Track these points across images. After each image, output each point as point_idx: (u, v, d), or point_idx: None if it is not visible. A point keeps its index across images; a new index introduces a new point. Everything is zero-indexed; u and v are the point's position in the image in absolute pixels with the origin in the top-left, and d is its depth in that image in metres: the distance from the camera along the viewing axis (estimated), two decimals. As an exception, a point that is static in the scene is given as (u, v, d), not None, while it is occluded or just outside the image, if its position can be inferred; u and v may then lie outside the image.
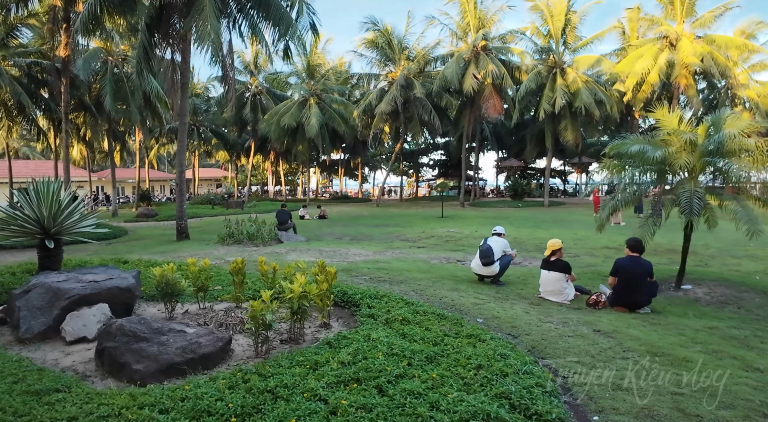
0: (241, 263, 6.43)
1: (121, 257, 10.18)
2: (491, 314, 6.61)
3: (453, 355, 4.41)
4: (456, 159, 44.80)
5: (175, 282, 5.69)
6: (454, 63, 28.69)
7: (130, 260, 9.58)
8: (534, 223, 21.63)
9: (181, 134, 16.87)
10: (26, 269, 8.15)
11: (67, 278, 5.78)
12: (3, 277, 7.65)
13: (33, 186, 6.88)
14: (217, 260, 11.74)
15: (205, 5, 14.25)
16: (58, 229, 6.75)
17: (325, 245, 14.96)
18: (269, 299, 4.65)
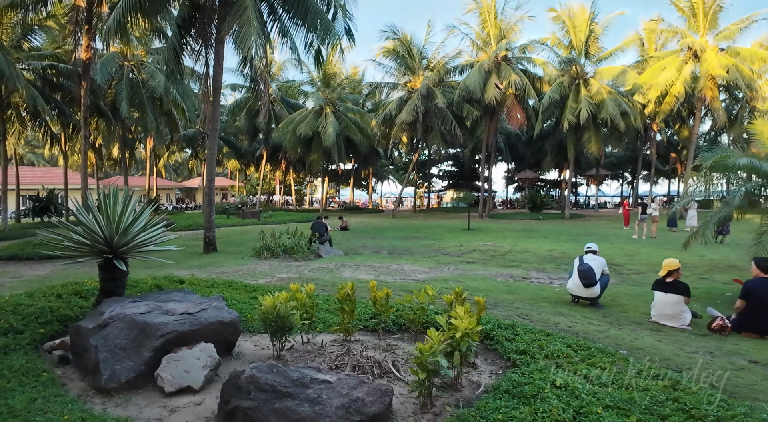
0: (350, 288, 5.37)
1: (169, 275, 9.04)
2: (628, 344, 5.72)
3: (669, 405, 3.48)
4: (468, 170, 44.01)
5: (288, 315, 4.60)
6: (476, 72, 27.88)
7: (182, 278, 8.45)
8: (569, 237, 20.64)
9: (212, 140, 15.81)
10: (73, 291, 7.02)
11: (149, 309, 4.68)
12: (49, 300, 6.52)
13: (100, 194, 5.78)
14: (266, 277, 10.63)
15: (248, 6, 13.28)
16: (127, 246, 5.64)
17: (369, 259, 13.88)
18: (438, 341, 3.61)
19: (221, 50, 15.48)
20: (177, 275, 9.91)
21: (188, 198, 58.89)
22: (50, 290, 7.04)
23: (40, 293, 6.92)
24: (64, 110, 23.05)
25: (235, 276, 10.68)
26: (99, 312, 4.86)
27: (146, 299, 5.26)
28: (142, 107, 25.06)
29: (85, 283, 7.49)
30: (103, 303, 5.11)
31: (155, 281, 7.80)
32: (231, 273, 11.19)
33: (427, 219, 31.94)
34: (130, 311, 4.60)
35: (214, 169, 15.93)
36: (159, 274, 10.46)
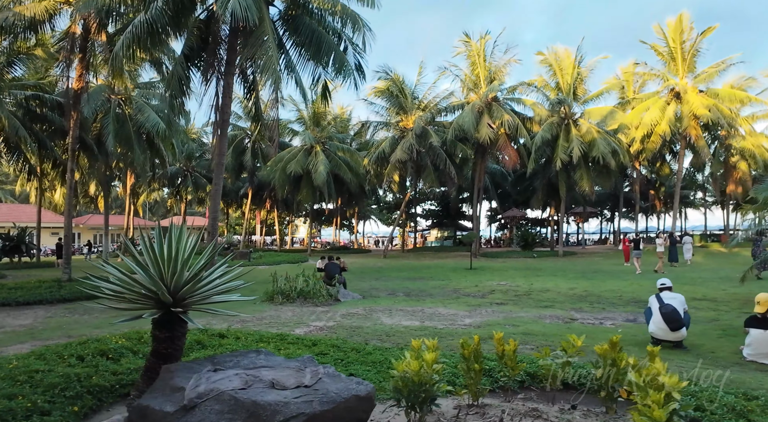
0: (477, 343, 4.28)
1: (208, 329, 7.67)
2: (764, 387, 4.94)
3: None
4: (454, 209, 43.56)
5: (432, 382, 3.46)
6: (469, 112, 27.76)
7: (219, 331, 7.09)
8: (577, 274, 19.96)
9: (218, 174, 14.59)
10: (97, 351, 5.62)
11: (246, 381, 3.47)
12: (69, 364, 5.14)
13: (154, 235, 4.58)
14: (300, 325, 9.30)
15: (267, 35, 12.46)
16: (189, 298, 4.40)
17: (393, 302, 12.70)
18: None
19: (230, 82, 14.54)
20: (200, 326, 8.58)
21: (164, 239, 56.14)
22: (65, 350, 5.62)
23: (53, 354, 5.49)
24: (45, 143, 21.36)
25: (262, 325, 9.32)
26: (171, 386, 3.59)
27: (224, 363, 4.01)
28: (129, 141, 23.57)
29: (108, 340, 6.08)
30: (172, 373, 3.82)
31: (192, 337, 6.44)
32: (254, 322, 9.80)
33: (420, 259, 30.92)
34: (224, 385, 3.36)
35: (218, 206, 14.62)
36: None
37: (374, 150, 30.29)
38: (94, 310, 12.41)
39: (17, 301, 13.44)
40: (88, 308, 12.60)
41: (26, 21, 15.61)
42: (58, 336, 8.70)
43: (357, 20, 14.32)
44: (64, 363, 5.13)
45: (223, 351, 5.88)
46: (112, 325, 9.79)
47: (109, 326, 9.69)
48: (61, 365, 5.07)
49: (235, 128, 35.23)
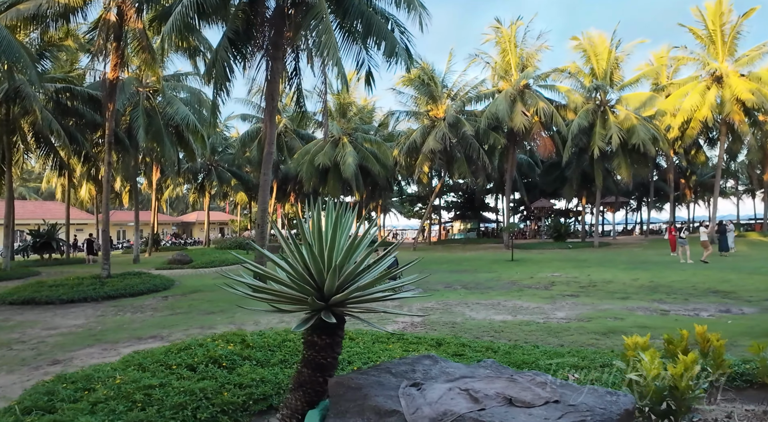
0: (684, 339, 3.42)
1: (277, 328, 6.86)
2: None
3: None
4: (479, 201, 42.62)
5: (691, 389, 2.61)
6: (503, 100, 26.73)
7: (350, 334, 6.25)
8: (627, 265, 18.94)
9: (267, 164, 13.81)
10: (208, 358, 4.78)
11: (475, 400, 2.62)
12: (181, 376, 4.35)
13: (312, 222, 3.76)
14: (384, 321, 8.47)
15: (324, 15, 11.55)
16: (345, 296, 3.56)
17: (460, 296, 11.88)
18: None
19: (279, 66, 13.69)
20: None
21: (185, 233, 55.67)
22: (168, 358, 4.80)
23: (154, 363, 4.68)
24: (76, 137, 20.65)
25: (348, 323, 8.53)
26: (371, 409, 2.79)
27: (405, 375, 3.18)
28: (159, 135, 22.82)
29: (213, 345, 5.25)
30: (361, 391, 2.98)
31: (280, 338, 5.62)
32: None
33: (451, 251, 30.03)
34: (453, 406, 2.53)
35: (267, 197, 13.82)
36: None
37: (404, 141, 29.37)
38: (145, 308, 11.70)
39: (61, 299, 12.80)
40: (137, 306, 11.90)
41: (59, 8, 14.82)
42: (126, 337, 7.94)
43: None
44: (174, 375, 4.32)
45: (356, 356, 5.05)
46: (176, 325, 9.03)
47: (174, 325, 8.94)
48: (174, 377, 4.26)
49: (259, 120, 34.36)
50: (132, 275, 16.39)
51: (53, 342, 7.83)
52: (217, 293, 13.80)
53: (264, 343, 5.33)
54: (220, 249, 28.45)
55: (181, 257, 22.10)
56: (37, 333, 8.87)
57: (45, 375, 5.78)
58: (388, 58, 14.12)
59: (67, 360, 6.51)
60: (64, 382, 4.18)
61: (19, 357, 6.85)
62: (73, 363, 6.34)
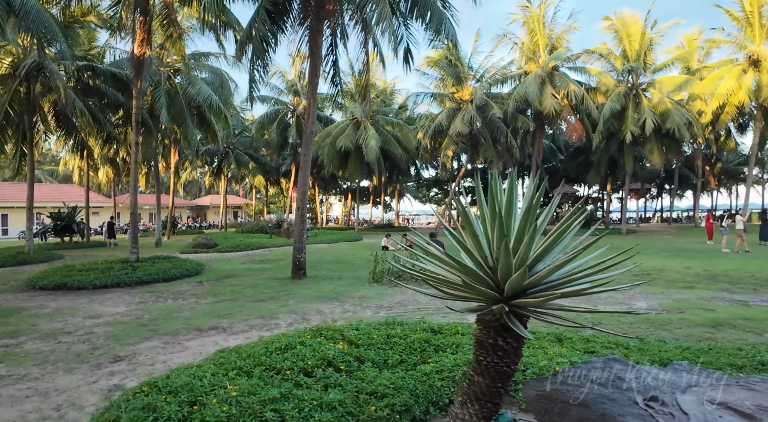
0: None
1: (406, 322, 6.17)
2: None
3: None
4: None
5: None
6: (532, 82, 25.68)
7: (444, 326, 5.51)
8: (670, 253, 18.15)
9: (307, 144, 13.00)
10: (322, 360, 4.04)
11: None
12: (299, 384, 3.66)
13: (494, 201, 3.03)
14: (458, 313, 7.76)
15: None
16: (532, 291, 2.83)
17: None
18: None
19: (319, 41, 12.80)
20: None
21: (199, 217, 55.10)
22: (273, 359, 4.06)
23: (255, 364, 3.96)
24: (98, 117, 19.86)
25: (413, 312, 7.82)
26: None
27: (617, 381, 2.45)
28: (182, 115, 22.00)
29: (318, 343, 4.51)
30: (587, 408, 2.25)
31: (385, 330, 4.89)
32: (397, 307, 8.30)
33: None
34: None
35: (308, 178, 13.04)
36: (278, 313, 7.69)
37: (428, 123, 28.42)
38: (184, 294, 11.04)
39: (93, 284, 12.20)
40: (175, 292, 11.25)
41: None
42: (183, 328, 7.25)
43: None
44: (291, 382, 3.61)
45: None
46: (231, 314, 8.33)
47: (230, 315, 8.24)
48: (291, 385, 3.54)
49: (278, 102, 33.45)
50: (161, 259, 15.74)
51: (103, 333, 7.16)
52: (252, 279, 13.16)
53: (368, 340, 4.61)
54: (242, 233, 27.77)
55: (206, 241, 21.46)
56: (80, 322, 8.22)
57: (111, 375, 5.11)
58: (435, 33, 13.21)
59: (129, 355, 5.82)
60: (159, 392, 3.47)
61: (72, 351, 6.18)
62: (138, 359, 5.65)
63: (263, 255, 19.67)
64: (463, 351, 4.48)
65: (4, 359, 5.91)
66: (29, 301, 10.72)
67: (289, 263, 16.48)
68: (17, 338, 7.11)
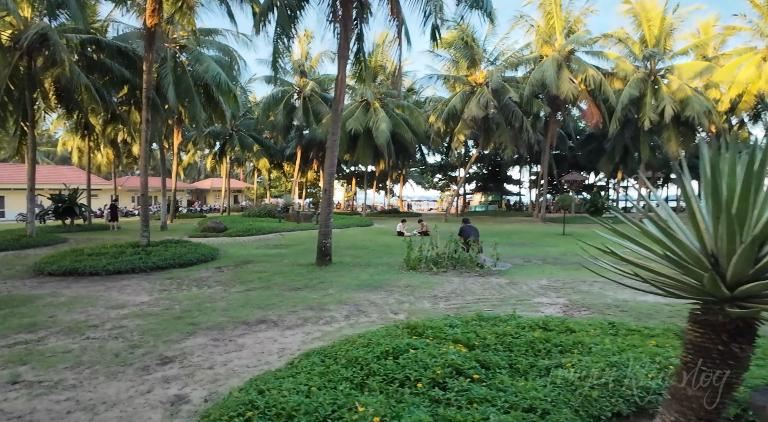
0: None
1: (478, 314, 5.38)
2: None
3: None
4: (503, 172, 40.93)
5: None
6: (550, 65, 24.74)
7: (526, 321, 4.73)
8: None
9: (336, 123, 12.14)
10: (451, 367, 3.26)
11: None
12: (438, 399, 2.85)
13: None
14: (522, 306, 6.97)
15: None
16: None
17: (560, 272, 10.43)
18: None
19: (350, 9, 11.83)
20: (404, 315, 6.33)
21: (198, 200, 53.88)
22: (388, 368, 3.26)
23: (367, 374, 3.18)
24: (102, 94, 18.71)
25: (471, 303, 7.04)
26: None
27: None
28: (189, 94, 20.88)
29: (416, 342, 3.72)
30: None
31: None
32: (451, 296, 7.51)
33: (485, 223, 28.50)
34: None
35: (335, 158, 12.18)
36: (327, 304, 6.91)
37: (441, 107, 27.44)
38: (207, 281, 10.18)
39: (107, 270, 11.31)
40: (196, 279, 10.40)
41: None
42: (227, 322, 6.39)
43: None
44: (426, 398, 2.82)
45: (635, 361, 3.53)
46: (273, 304, 7.48)
47: (272, 305, 7.40)
48: (426, 401, 2.75)
49: (283, 83, 32.23)
50: (174, 243, 14.84)
51: (135, 328, 6.31)
52: (275, 265, 12.32)
53: (481, 340, 3.81)
54: (249, 217, 26.82)
55: (215, 225, 20.56)
56: (103, 313, 7.36)
57: (166, 381, 4.29)
58: (471, 7, 12.30)
59: (178, 356, 4.99)
60: (265, 417, 2.65)
61: (107, 349, 5.33)
62: (190, 361, 4.83)
63: (276, 240, 18.83)
64: (595, 353, 3.71)
65: (28, 359, 5.07)
66: (40, 288, 9.85)
67: (307, 249, 15.75)
68: (37, 332, 6.26)
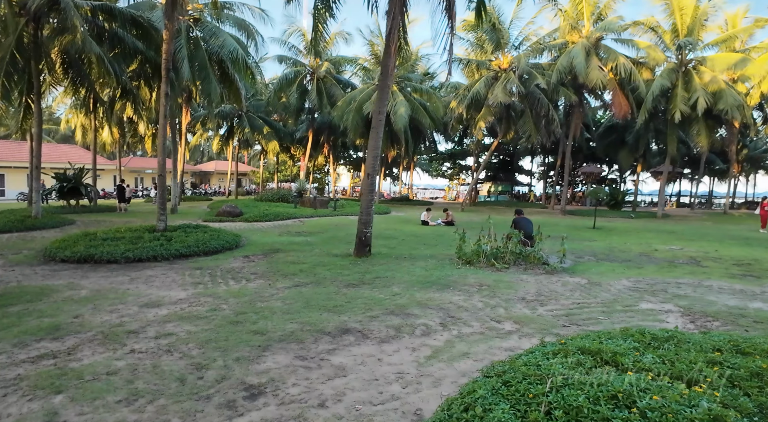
0: None
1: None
2: None
3: None
4: (516, 162, 39.74)
5: None
6: (580, 52, 23.44)
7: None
8: (733, 240, 16.46)
9: (382, 101, 10.87)
10: None
11: None
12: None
13: None
14: (626, 314, 5.85)
15: None
16: None
17: (618, 271, 9.36)
18: None
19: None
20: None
21: (202, 183, 52.37)
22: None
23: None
24: (114, 67, 17.23)
25: (590, 310, 5.91)
26: None
27: None
28: (204, 69, 19.45)
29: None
30: None
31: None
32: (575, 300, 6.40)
33: (502, 214, 27.38)
34: None
35: (380, 141, 10.96)
36: (407, 306, 5.73)
37: (464, 92, 26.11)
38: (243, 273, 8.98)
39: (126, 257, 10.15)
40: (228, 270, 9.23)
41: None
42: (299, 328, 5.22)
43: None
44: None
45: None
46: (342, 306, 6.29)
47: (344, 309, 6.21)
48: None
49: (296, 63, 30.69)
50: (193, 228, 13.65)
51: (188, 337, 5.12)
52: (307, 255, 11.13)
53: (697, 375, 2.68)
54: (262, 201, 25.53)
55: (230, 209, 19.32)
56: (138, 313, 6.17)
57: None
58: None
59: (267, 384, 3.80)
60: None
61: (166, 371, 4.12)
62: (288, 393, 3.65)
63: (297, 227, 17.65)
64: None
65: (62, 384, 3.86)
66: (54, 278, 8.64)
67: (333, 237, 14.65)
68: (63, 340, 5.07)
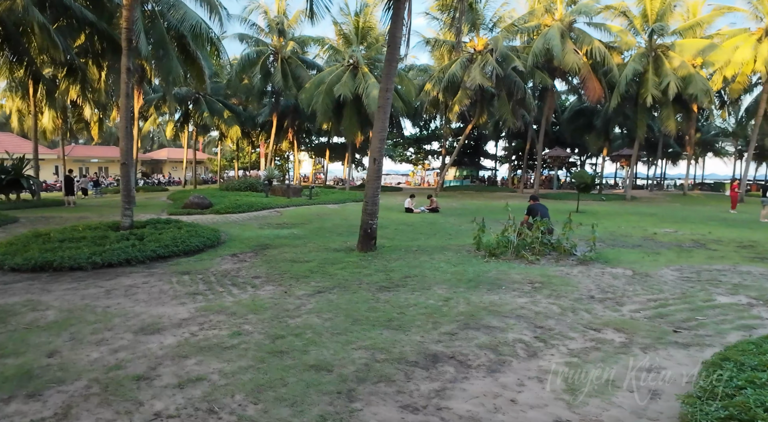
0: None
1: None
2: None
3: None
4: (480, 147, 39.37)
5: None
6: (555, 35, 22.96)
7: None
8: (703, 220, 16.65)
9: (389, 78, 9.62)
10: None
11: None
12: None
13: None
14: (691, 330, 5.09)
15: None
16: None
17: (649, 258, 8.81)
18: None
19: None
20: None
21: (153, 172, 48.74)
22: None
23: None
24: (58, 41, 14.82)
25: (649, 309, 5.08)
26: None
27: None
28: (162, 44, 17.27)
29: None
30: None
31: None
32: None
33: (476, 198, 26.87)
34: None
35: (386, 122, 9.74)
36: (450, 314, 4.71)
37: (438, 75, 25.09)
38: (239, 275, 7.62)
39: (93, 263, 8.42)
40: (223, 274, 7.85)
41: None
42: (369, 358, 4.03)
43: None
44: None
45: None
46: (399, 321, 5.10)
47: (376, 311, 5.03)
48: None
49: (259, 42, 28.50)
50: (163, 223, 11.97)
51: (224, 381, 3.77)
52: (305, 251, 9.83)
53: None
54: (229, 191, 23.61)
55: (199, 201, 17.51)
56: (135, 343, 4.73)
57: None
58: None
59: None
60: None
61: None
62: None
63: (276, 218, 16.18)
64: None
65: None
66: (5, 294, 6.89)
67: (321, 228, 13.51)
68: (44, 399, 3.60)
